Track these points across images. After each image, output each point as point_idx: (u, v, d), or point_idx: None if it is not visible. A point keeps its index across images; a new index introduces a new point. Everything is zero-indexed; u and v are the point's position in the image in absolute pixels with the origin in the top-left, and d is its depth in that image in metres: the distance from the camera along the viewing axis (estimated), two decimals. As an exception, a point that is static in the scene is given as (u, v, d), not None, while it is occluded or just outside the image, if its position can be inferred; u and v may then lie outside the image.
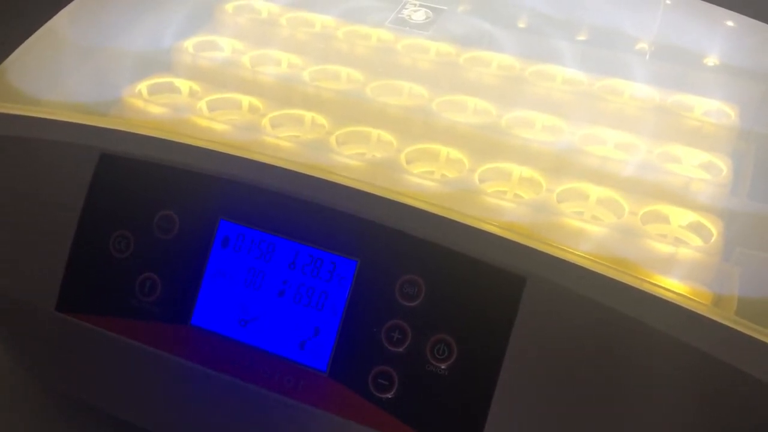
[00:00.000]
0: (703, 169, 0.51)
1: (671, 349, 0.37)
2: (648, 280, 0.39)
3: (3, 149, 0.48)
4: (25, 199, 0.47)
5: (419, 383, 0.39)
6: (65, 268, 0.45)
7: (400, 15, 0.61)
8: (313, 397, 0.40)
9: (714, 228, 0.45)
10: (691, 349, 0.36)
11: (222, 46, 0.60)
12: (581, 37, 0.61)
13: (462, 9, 0.64)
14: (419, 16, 0.60)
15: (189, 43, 0.59)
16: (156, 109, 0.52)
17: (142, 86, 0.54)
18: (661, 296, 0.38)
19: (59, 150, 0.46)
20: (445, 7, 0.63)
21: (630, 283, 0.38)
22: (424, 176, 0.47)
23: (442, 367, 0.39)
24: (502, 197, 0.46)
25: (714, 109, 0.55)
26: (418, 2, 0.62)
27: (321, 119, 0.52)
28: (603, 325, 0.37)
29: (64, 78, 0.55)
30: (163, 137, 0.45)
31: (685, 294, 0.39)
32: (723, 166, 0.50)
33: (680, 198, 0.48)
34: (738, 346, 0.37)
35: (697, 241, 0.46)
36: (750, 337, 0.37)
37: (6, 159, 0.48)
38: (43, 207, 0.46)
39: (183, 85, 0.56)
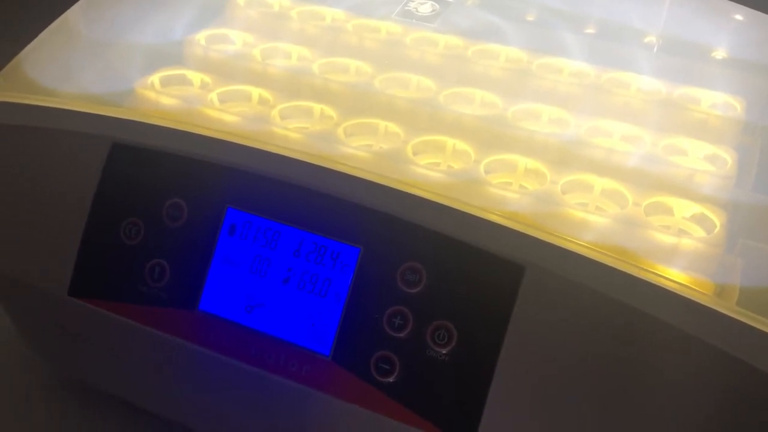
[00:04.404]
0: (708, 162, 0.51)
1: (672, 339, 0.37)
2: (649, 269, 0.39)
3: (18, 138, 0.49)
4: (39, 186, 0.48)
5: (420, 368, 0.40)
6: (77, 254, 0.46)
7: (406, 7, 0.61)
8: (316, 381, 0.41)
9: (717, 219, 0.45)
10: (692, 339, 0.36)
11: (233, 39, 0.61)
12: (588, 30, 0.61)
13: (468, 1, 0.64)
14: (426, 8, 0.60)
15: (201, 36, 0.60)
16: (167, 101, 0.53)
17: (154, 78, 0.55)
18: (662, 286, 0.38)
19: (72, 139, 0.47)
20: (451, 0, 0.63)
21: (630, 272, 0.38)
22: (430, 167, 0.48)
23: (443, 352, 0.39)
24: (506, 188, 0.47)
25: (720, 102, 0.55)
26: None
27: (329, 111, 0.53)
28: (602, 314, 0.38)
29: (78, 70, 0.56)
30: (172, 127, 0.46)
31: (687, 284, 0.39)
32: (728, 158, 0.50)
33: (684, 189, 0.47)
34: (739, 336, 0.37)
35: (700, 232, 0.46)
36: (751, 328, 0.37)
37: (21, 148, 0.49)
38: (56, 194, 0.47)
39: (194, 77, 0.56)
